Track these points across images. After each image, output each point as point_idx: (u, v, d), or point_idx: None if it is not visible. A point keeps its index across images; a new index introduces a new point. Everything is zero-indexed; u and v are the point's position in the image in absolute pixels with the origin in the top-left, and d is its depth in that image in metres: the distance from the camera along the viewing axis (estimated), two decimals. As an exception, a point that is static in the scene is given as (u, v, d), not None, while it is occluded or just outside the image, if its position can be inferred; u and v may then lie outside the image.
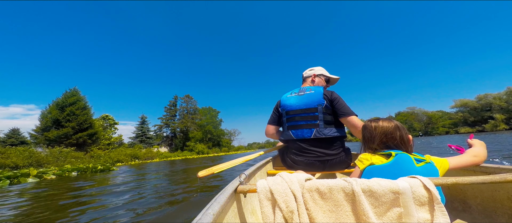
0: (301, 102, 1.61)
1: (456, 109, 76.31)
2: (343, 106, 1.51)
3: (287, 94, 1.77)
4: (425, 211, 0.62)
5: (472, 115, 70.09)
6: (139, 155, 31.42)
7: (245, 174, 0.94)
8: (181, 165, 12.58)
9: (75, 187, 5.75)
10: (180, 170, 8.99)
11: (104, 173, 10.08)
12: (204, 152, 45.22)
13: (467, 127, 69.64)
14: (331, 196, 0.67)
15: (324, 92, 1.56)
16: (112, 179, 7.37)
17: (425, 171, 0.83)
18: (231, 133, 74.37)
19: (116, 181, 6.71)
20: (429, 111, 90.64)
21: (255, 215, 1.09)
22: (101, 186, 5.67)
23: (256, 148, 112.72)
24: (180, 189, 4.27)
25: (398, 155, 0.87)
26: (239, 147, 69.85)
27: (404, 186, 0.64)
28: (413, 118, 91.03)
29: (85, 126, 27.07)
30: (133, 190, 4.57)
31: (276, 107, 1.84)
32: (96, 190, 5.02)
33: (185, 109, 52.02)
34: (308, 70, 1.89)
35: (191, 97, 53.50)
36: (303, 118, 1.57)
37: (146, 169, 11.18)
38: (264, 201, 0.68)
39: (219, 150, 53.18)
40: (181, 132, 49.28)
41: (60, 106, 26.13)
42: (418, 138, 54.44)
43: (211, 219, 0.56)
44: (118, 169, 12.66)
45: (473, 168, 1.07)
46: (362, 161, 0.94)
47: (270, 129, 1.88)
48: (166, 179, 6.33)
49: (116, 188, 4.99)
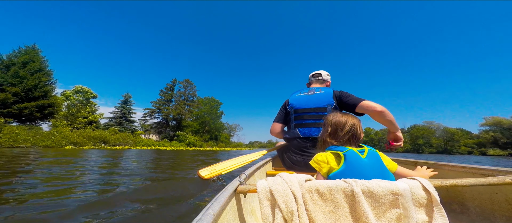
0: (311, 101, 1.58)
1: (485, 128, 65.93)
2: (353, 98, 1.48)
3: (296, 93, 1.74)
4: (424, 213, 0.62)
5: (505, 136, 59.94)
6: (109, 139, 24.61)
7: (245, 174, 0.94)
8: (157, 157, 8.43)
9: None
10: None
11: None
12: (197, 144, 38.16)
13: (498, 149, 59.62)
14: (330, 197, 0.66)
15: (333, 93, 1.55)
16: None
17: (372, 160, 0.84)
18: (231, 127, 67.15)
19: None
20: (450, 127, 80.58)
21: (255, 215, 1.05)
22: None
23: (257, 147, 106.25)
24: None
25: (347, 153, 0.85)
26: (238, 143, 62.18)
27: (404, 187, 0.64)
28: (431, 133, 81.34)
29: (35, 94, 20.16)
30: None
31: (284, 106, 1.79)
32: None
33: (182, 95, 44.88)
34: (326, 74, 1.86)
35: (191, 83, 46.31)
36: (311, 117, 1.55)
37: (83, 158, 6.76)
38: (264, 201, 0.67)
39: (215, 144, 45.97)
40: (174, 119, 42.28)
41: (5, 64, 19.45)
42: (434, 155, 45.71)
43: (211, 219, 0.54)
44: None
45: (472, 170, 1.08)
46: (319, 164, 0.88)
47: (276, 127, 1.81)
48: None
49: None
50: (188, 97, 45.64)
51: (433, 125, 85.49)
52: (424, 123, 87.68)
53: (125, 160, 6.26)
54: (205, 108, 47.38)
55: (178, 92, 44.43)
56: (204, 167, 1.55)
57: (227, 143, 52.33)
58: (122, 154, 9.46)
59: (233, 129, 68.13)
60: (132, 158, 7.36)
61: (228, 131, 64.42)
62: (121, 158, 7.22)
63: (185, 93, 45.06)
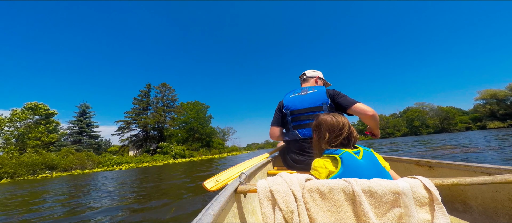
0: (306, 101, 1.55)
1: (480, 102, 63.47)
2: (346, 99, 1.44)
3: (289, 94, 1.70)
4: (425, 212, 0.61)
5: (502, 107, 57.50)
6: (58, 163, 18.48)
7: (245, 174, 0.92)
8: (124, 180, 7.21)
9: None
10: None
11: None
12: (185, 154, 32.24)
13: (497, 122, 56.95)
14: (331, 196, 0.65)
15: (326, 91, 1.52)
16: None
17: (368, 161, 0.81)
18: (224, 131, 61.27)
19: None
20: (443, 106, 78.26)
21: (255, 215, 1.04)
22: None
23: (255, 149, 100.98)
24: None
25: (343, 156, 0.82)
26: (233, 148, 56.20)
27: (405, 186, 0.62)
28: (424, 113, 78.78)
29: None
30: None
31: (279, 108, 1.72)
32: None
33: (160, 101, 38.72)
34: (311, 71, 1.84)
35: (169, 87, 40.15)
36: (309, 117, 1.50)
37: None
38: (264, 201, 0.66)
39: (208, 151, 40.10)
40: (153, 129, 36.14)
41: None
42: (432, 135, 42.15)
43: (211, 219, 0.54)
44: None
45: (474, 169, 1.05)
46: (318, 170, 0.85)
47: (275, 131, 1.73)
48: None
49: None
50: (168, 103, 39.47)
51: (424, 105, 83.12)
52: (416, 104, 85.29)
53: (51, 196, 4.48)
54: (191, 114, 41.41)
55: (155, 99, 38.09)
56: (209, 178, 1.23)
57: (221, 149, 46.45)
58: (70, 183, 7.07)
59: (226, 132, 62.27)
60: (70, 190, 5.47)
61: (220, 135, 58.53)
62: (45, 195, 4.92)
63: (163, 99, 38.86)
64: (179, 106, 40.52)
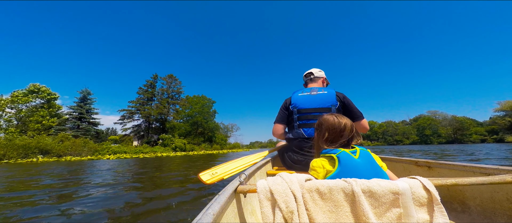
0: (315, 102, 1.56)
1: (499, 113, 59.48)
2: (356, 110, 1.51)
3: (298, 92, 1.69)
4: (424, 212, 0.61)
5: (524, 121, 53.59)
6: (52, 148, 17.83)
7: (245, 174, 0.93)
8: (116, 170, 6.48)
9: None
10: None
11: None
12: (186, 148, 31.38)
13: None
14: (331, 196, 0.64)
15: (336, 94, 1.54)
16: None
17: (365, 160, 0.81)
18: (227, 128, 60.31)
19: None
20: (457, 116, 74.19)
21: (255, 215, 1.03)
22: None
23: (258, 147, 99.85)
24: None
25: (340, 155, 0.82)
26: (236, 144, 55.12)
27: (404, 186, 0.62)
28: (437, 122, 74.94)
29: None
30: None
31: (286, 106, 1.70)
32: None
33: (165, 93, 37.96)
34: (317, 71, 1.84)
35: (175, 78, 39.34)
36: (316, 117, 1.51)
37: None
38: (264, 201, 0.66)
39: (210, 146, 39.18)
40: (156, 120, 35.47)
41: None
42: (444, 145, 39.31)
43: (211, 219, 0.54)
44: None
45: (473, 169, 1.05)
46: (316, 170, 0.85)
47: (279, 128, 1.72)
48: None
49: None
50: (173, 95, 38.64)
51: (437, 114, 79.12)
52: (428, 113, 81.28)
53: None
54: (196, 108, 40.56)
55: (161, 90, 37.35)
56: (205, 170, 1.22)
57: (223, 145, 45.50)
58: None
59: (229, 129, 61.31)
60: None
61: (224, 131, 57.60)
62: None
63: (168, 91, 38.03)
64: (184, 99, 39.67)
